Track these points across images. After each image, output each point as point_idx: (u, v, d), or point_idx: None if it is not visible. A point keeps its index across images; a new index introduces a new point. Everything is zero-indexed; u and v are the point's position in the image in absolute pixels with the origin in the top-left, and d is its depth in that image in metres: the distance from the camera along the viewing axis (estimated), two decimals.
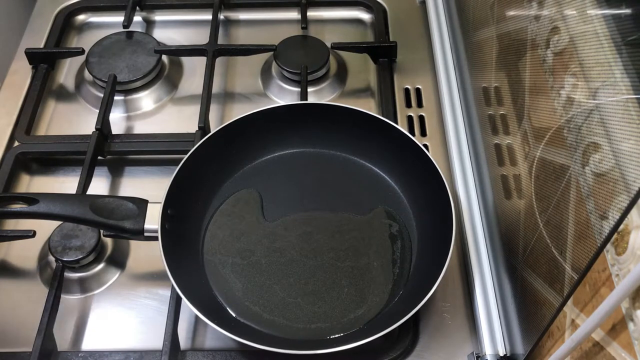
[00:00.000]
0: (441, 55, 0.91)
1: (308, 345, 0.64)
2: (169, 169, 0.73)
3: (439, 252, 0.66)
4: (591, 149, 0.45)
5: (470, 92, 0.80)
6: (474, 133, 0.79)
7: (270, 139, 0.80)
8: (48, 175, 0.84)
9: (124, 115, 0.90)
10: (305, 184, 0.79)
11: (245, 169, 0.79)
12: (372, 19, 1.00)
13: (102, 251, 0.74)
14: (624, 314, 0.40)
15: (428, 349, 0.68)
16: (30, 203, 0.65)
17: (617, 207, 0.40)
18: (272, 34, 0.94)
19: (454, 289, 0.72)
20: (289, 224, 0.75)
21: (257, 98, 0.91)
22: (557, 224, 0.51)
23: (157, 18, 1.02)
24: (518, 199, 0.62)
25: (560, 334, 0.51)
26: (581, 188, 0.46)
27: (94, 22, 1.02)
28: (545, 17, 0.54)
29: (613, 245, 0.41)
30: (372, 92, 0.92)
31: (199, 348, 0.68)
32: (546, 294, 0.53)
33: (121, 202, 0.67)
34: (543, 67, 0.54)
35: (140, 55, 0.92)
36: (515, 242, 0.62)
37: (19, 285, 0.74)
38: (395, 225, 0.74)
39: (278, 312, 0.68)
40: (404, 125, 0.86)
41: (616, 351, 0.42)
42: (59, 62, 0.96)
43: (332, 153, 0.81)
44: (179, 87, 0.93)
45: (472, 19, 0.80)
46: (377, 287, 0.70)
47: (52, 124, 0.89)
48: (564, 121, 0.50)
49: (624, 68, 0.41)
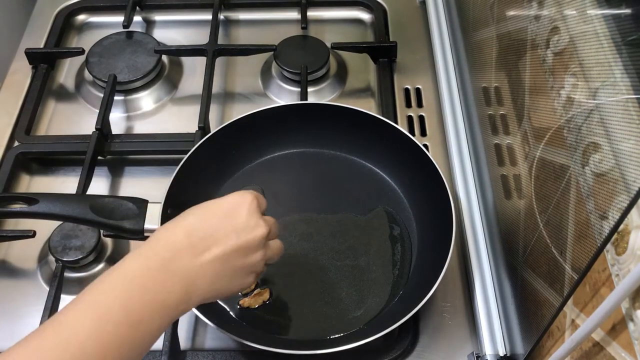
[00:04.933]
0: (441, 55, 0.91)
1: (308, 345, 0.64)
2: (169, 169, 0.73)
3: (439, 252, 0.66)
4: (591, 149, 0.45)
5: (470, 92, 0.80)
6: (474, 133, 0.79)
7: (270, 139, 0.80)
8: (48, 175, 0.84)
9: (124, 115, 0.90)
10: (305, 184, 0.79)
11: (245, 169, 0.79)
12: (372, 19, 1.00)
13: (102, 251, 0.74)
14: (624, 314, 0.40)
15: (428, 349, 0.68)
16: (30, 203, 0.65)
17: (617, 207, 0.40)
18: (272, 34, 0.94)
19: (454, 289, 0.72)
20: (289, 224, 0.75)
21: (257, 98, 0.91)
22: (557, 224, 0.51)
23: (157, 18, 1.02)
24: (518, 199, 0.62)
25: (560, 334, 0.51)
26: (581, 188, 0.46)
27: (94, 22, 1.02)
28: (545, 17, 0.54)
29: (613, 245, 0.41)
30: (372, 92, 0.92)
31: (199, 348, 0.68)
32: (546, 294, 0.53)
33: (121, 202, 0.67)
34: (543, 67, 0.54)
35: (140, 55, 0.92)
36: (515, 242, 0.62)
37: (19, 285, 0.74)
38: (395, 225, 0.74)
39: (278, 312, 0.68)
40: (404, 125, 0.86)
41: (616, 351, 0.42)
42: (59, 62, 0.96)
43: (332, 153, 0.81)
44: (179, 87, 0.93)
45: (472, 19, 0.80)
46: (377, 287, 0.70)
47: (52, 124, 0.89)
48: (564, 121, 0.50)
49: (624, 68, 0.41)
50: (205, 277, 0.52)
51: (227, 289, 0.55)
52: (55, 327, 0.44)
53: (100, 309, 0.45)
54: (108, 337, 0.44)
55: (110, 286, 0.47)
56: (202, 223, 0.53)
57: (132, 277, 0.48)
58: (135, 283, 0.48)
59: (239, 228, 0.54)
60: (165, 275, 0.49)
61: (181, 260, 0.51)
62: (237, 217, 0.55)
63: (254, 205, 0.56)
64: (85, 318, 0.45)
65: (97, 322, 0.44)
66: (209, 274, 0.52)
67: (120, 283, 0.47)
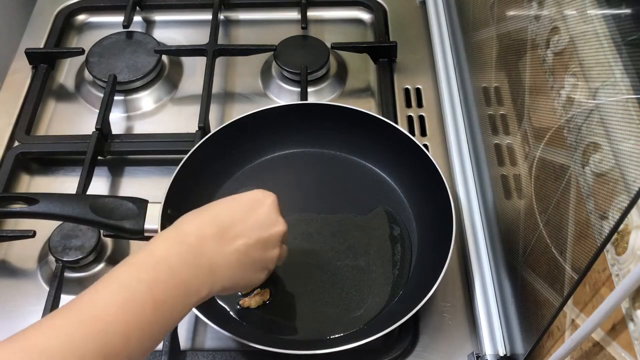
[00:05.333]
0: (441, 55, 0.91)
1: (308, 345, 0.64)
2: (169, 169, 0.73)
3: (439, 252, 0.66)
4: (591, 149, 0.45)
5: (470, 92, 0.80)
6: (474, 133, 0.79)
7: (270, 139, 0.80)
8: (48, 175, 0.84)
9: (124, 115, 0.90)
10: (305, 184, 0.79)
11: (245, 169, 0.79)
12: (372, 19, 1.00)
13: (102, 251, 0.74)
14: (624, 314, 0.40)
15: (428, 349, 0.68)
16: (30, 203, 0.65)
17: (617, 207, 0.40)
18: (272, 34, 0.94)
19: (454, 289, 0.72)
20: (289, 224, 0.74)
21: (257, 98, 0.91)
22: (557, 224, 0.51)
23: (157, 18, 1.02)
24: (518, 199, 0.62)
25: (560, 334, 0.51)
26: (581, 188, 0.46)
27: (94, 22, 1.02)
28: (545, 17, 0.54)
29: (613, 245, 0.41)
30: (372, 92, 0.92)
31: (199, 348, 0.68)
32: (546, 294, 0.53)
33: (121, 202, 0.67)
34: (543, 67, 0.54)
35: (140, 55, 0.92)
36: (515, 242, 0.62)
37: (19, 285, 0.74)
38: (395, 225, 0.74)
39: (278, 312, 0.68)
40: (404, 125, 0.86)
41: (616, 351, 0.42)
42: (59, 62, 0.96)
43: (332, 153, 0.81)
44: (179, 87, 0.93)
45: (472, 19, 0.80)
46: (377, 287, 0.70)
47: (52, 124, 0.89)
48: (564, 121, 0.50)
49: (624, 68, 0.41)
50: (229, 266, 0.54)
51: (244, 281, 0.57)
52: (81, 307, 0.45)
53: (126, 290, 0.46)
54: (134, 318, 0.45)
55: (136, 268, 0.48)
56: (229, 213, 0.56)
57: (158, 260, 0.49)
58: (162, 266, 0.49)
59: (262, 222, 0.57)
60: (193, 260, 0.51)
61: (208, 246, 0.52)
62: (261, 211, 0.58)
63: (275, 203, 0.59)
64: (111, 299, 0.45)
65: (122, 303, 0.45)
66: (232, 263, 0.54)
67: (147, 266, 0.48)
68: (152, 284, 0.47)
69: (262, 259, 0.57)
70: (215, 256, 0.53)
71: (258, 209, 0.57)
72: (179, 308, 0.49)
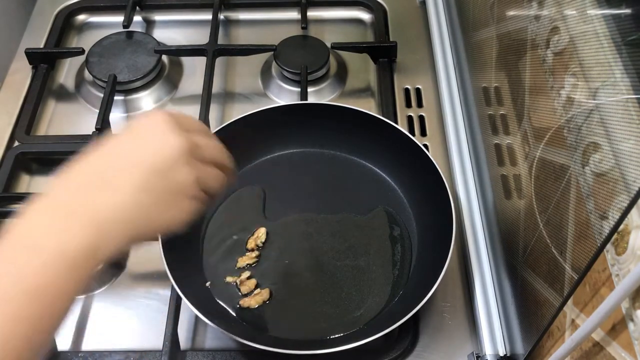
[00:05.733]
0: (441, 55, 0.91)
1: (308, 345, 0.64)
2: None
3: (439, 252, 0.66)
4: (591, 149, 0.45)
5: (470, 92, 0.80)
6: (474, 133, 0.79)
7: (270, 139, 0.80)
8: (48, 175, 0.84)
9: (124, 115, 0.90)
10: (305, 184, 0.79)
11: (245, 169, 0.79)
12: (372, 19, 1.00)
13: None
14: (624, 314, 0.40)
15: (428, 349, 0.68)
16: None
17: (617, 207, 0.40)
18: (272, 34, 0.94)
19: (454, 289, 0.72)
20: (289, 223, 0.75)
21: (257, 98, 0.91)
22: (557, 224, 0.51)
23: (157, 18, 1.02)
24: (518, 199, 0.62)
25: (560, 334, 0.51)
26: (581, 188, 0.46)
27: (94, 22, 1.02)
28: (545, 17, 0.54)
29: (613, 245, 0.41)
30: (372, 92, 0.92)
31: (199, 348, 0.68)
32: (546, 294, 0.53)
33: None
34: (543, 67, 0.54)
35: (140, 55, 0.92)
36: (515, 242, 0.62)
37: None
38: (395, 225, 0.74)
39: (278, 312, 0.68)
40: (404, 125, 0.86)
41: (616, 351, 0.42)
42: (59, 62, 0.96)
43: (332, 153, 0.81)
44: (179, 87, 0.93)
45: (472, 19, 0.80)
46: (377, 287, 0.70)
47: (52, 124, 0.89)
48: (564, 121, 0.50)
49: (624, 68, 0.41)
50: (125, 211, 0.46)
51: (160, 220, 0.49)
52: None
53: (8, 305, 0.39)
54: (20, 330, 0.39)
55: (12, 276, 0.41)
56: (108, 154, 0.48)
57: (27, 245, 0.42)
58: (31, 251, 0.42)
59: (151, 148, 0.48)
60: (65, 224, 0.43)
61: (80, 201, 0.45)
62: (149, 138, 0.49)
63: (167, 123, 0.49)
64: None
65: (11, 318, 0.39)
66: (129, 207, 0.46)
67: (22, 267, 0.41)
68: (33, 292, 0.40)
69: (168, 186, 0.48)
70: (100, 205, 0.45)
71: (146, 136, 0.49)
72: (77, 277, 0.42)
